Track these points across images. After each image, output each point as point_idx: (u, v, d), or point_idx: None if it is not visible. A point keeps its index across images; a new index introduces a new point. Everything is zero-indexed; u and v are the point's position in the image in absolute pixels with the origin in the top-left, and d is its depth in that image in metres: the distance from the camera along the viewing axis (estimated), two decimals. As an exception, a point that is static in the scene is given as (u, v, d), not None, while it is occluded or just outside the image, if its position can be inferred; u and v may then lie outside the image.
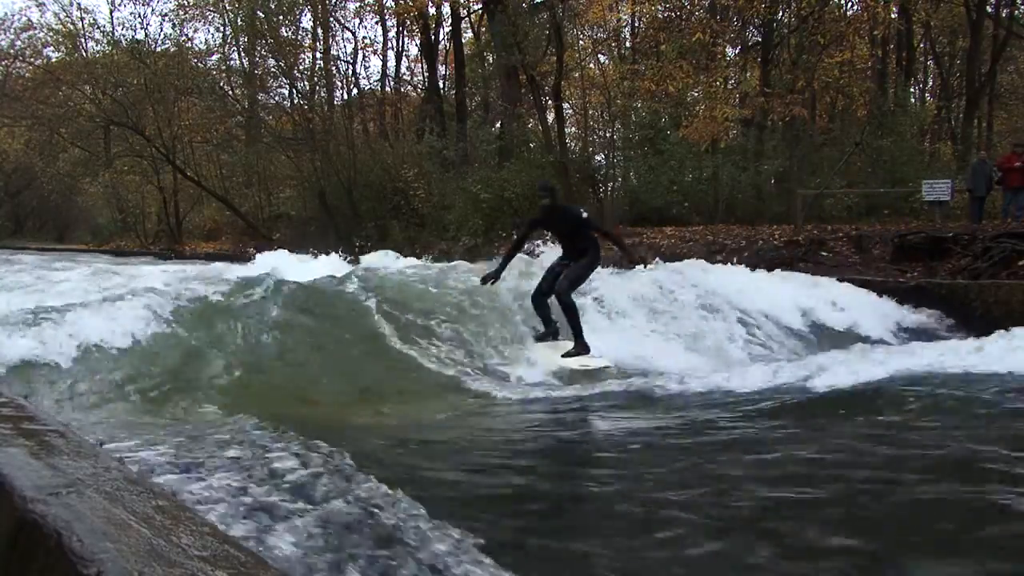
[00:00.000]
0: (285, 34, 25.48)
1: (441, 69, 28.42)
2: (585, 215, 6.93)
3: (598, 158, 22.96)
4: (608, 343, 6.85)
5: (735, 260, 11.47)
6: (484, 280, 6.98)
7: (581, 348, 6.49)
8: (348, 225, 21.87)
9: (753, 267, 10.32)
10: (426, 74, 27.58)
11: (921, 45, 25.05)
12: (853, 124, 22.02)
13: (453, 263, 9.33)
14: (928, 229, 11.82)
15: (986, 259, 9.94)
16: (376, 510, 2.33)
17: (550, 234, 8.15)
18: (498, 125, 23.70)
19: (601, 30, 25.49)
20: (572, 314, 6.59)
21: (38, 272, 9.88)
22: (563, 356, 6.46)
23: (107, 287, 6.96)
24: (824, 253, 12.13)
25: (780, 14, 20.13)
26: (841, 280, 9.87)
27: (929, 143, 21.45)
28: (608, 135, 22.53)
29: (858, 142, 17.77)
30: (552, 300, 6.76)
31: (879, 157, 17.86)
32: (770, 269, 10.51)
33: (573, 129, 26.34)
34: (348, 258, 12.32)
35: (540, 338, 6.85)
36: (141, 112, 26.50)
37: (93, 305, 5.64)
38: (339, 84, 27.33)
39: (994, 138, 22.16)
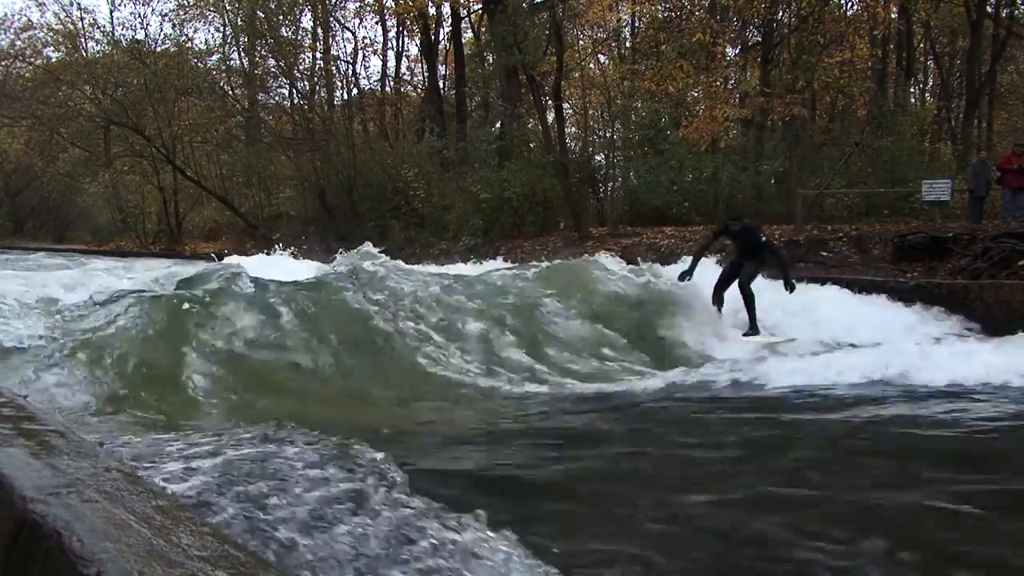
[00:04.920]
0: (285, 34, 25.46)
1: (441, 69, 28.40)
2: (764, 238, 8.63)
3: (598, 158, 22.95)
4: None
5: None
6: (681, 278, 8.45)
7: (754, 331, 8.21)
8: (348, 225, 21.86)
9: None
10: (426, 74, 27.57)
11: (921, 45, 25.03)
12: (853, 124, 22.00)
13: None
14: (928, 229, 11.81)
15: (986, 259, 9.94)
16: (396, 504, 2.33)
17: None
18: (498, 125, 23.68)
19: (601, 30, 25.48)
20: (750, 301, 8.29)
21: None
22: (744, 335, 8.17)
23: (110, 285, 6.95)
24: (824, 253, 12.13)
25: (780, 14, 20.11)
26: (841, 280, 9.89)
27: (929, 143, 21.43)
28: (608, 135, 22.53)
29: (858, 142, 17.75)
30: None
31: (879, 157, 17.84)
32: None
33: (573, 129, 26.33)
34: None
35: (747, 334, 8.28)
36: (141, 112, 26.48)
37: (96, 304, 5.64)
38: (339, 84, 27.34)
39: (994, 138, 22.13)
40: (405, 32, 28.76)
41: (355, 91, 27.76)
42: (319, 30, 26.31)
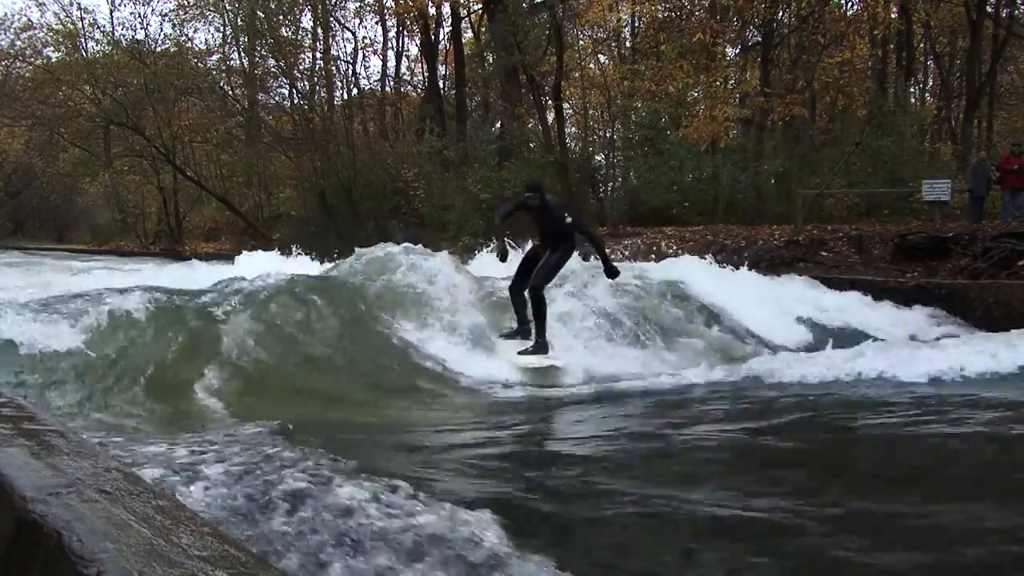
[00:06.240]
0: (285, 34, 25.46)
1: (441, 69, 28.41)
2: (569, 220, 6.67)
3: (598, 158, 22.95)
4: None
5: (735, 260, 11.47)
6: (502, 258, 6.61)
7: (539, 348, 6.34)
8: (348, 225, 21.87)
9: (754, 267, 10.34)
10: (426, 74, 27.58)
11: (921, 45, 25.03)
12: (853, 124, 22.01)
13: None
14: (928, 229, 11.82)
15: (986, 259, 9.95)
16: (366, 504, 2.34)
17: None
18: (498, 125, 23.69)
19: (601, 30, 25.49)
20: (540, 309, 6.45)
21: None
22: (519, 353, 6.32)
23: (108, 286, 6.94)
24: (824, 253, 12.13)
25: (780, 14, 20.13)
26: (841, 281, 9.89)
27: (929, 143, 21.43)
28: (608, 135, 22.51)
29: (858, 142, 17.76)
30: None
31: (879, 157, 17.84)
32: (770, 269, 10.52)
33: (573, 129, 26.34)
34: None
35: (508, 336, 6.70)
36: (141, 112, 26.46)
37: (92, 303, 5.63)
38: (339, 84, 27.35)
39: (994, 138, 22.14)
40: (405, 32, 28.81)
41: (355, 91, 27.81)
42: (319, 30, 26.33)
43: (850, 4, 22.28)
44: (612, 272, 6.86)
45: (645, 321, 7.75)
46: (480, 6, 24.53)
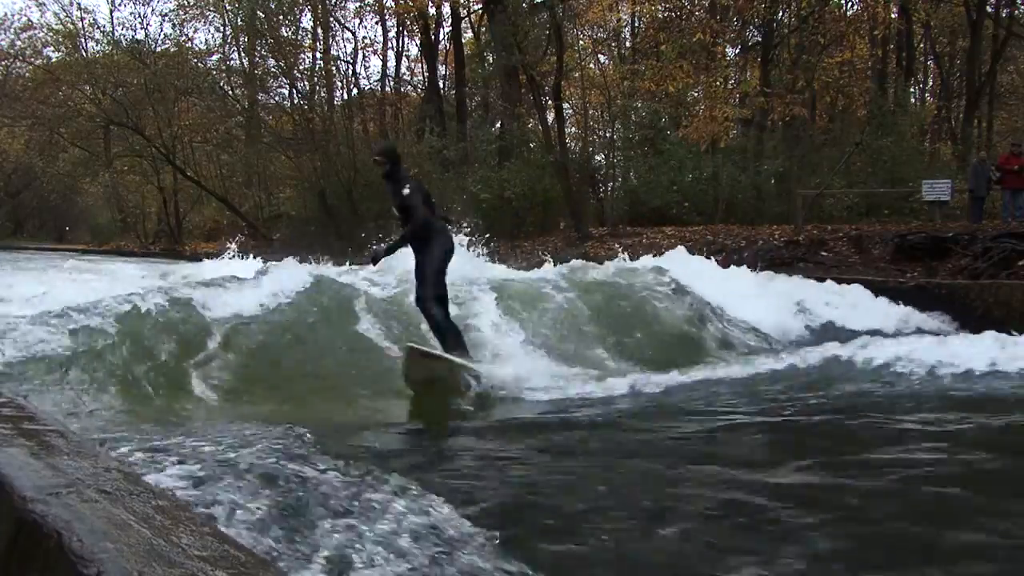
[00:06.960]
0: (285, 34, 25.44)
1: (441, 69, 28.40)
2: (407, 191, 5.29)
3: (598, 158, 22.96)
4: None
5: (735, 260, 11.46)
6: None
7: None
8: (348, 225, 21.86)
9: (752, 267, 10.36)
10: (426, 74, 27.57)
11: (921, 45, 25.03)
12: (853, 124, 22.01)
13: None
14: (928, 229, 11.82)
15: (986, 259, 9.94)
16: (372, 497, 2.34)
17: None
18: (498, 125, 23.68)
19: (601, 30, 25.49)
20: (440, 330, 5.41)
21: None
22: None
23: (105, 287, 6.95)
24: (824, 253, 12.13)
25: (780, 14, 20.13)
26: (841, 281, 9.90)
27: (929, 143, 21.44)
28: (608, 135, 22.52)
29: (858, 142, 17.76)
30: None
31: (879, 157, 17.85)
32: (770, 269, 10.52)
33: (573, 129, 26.31)
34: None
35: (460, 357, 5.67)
36: (141, 112, 26.47)
37: (92, 305, 5.63)
38: (339, 84, 27.30)
39: (994, 138, 22.15)
40: (405, 32, 28.76)
41: (355, 91, 27.76)
42: (319, 30, 26.28)
43: (850, 4, 22.31)
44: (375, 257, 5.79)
45: (630, 319, 7.77)
46: (480, 6, 24.52)
